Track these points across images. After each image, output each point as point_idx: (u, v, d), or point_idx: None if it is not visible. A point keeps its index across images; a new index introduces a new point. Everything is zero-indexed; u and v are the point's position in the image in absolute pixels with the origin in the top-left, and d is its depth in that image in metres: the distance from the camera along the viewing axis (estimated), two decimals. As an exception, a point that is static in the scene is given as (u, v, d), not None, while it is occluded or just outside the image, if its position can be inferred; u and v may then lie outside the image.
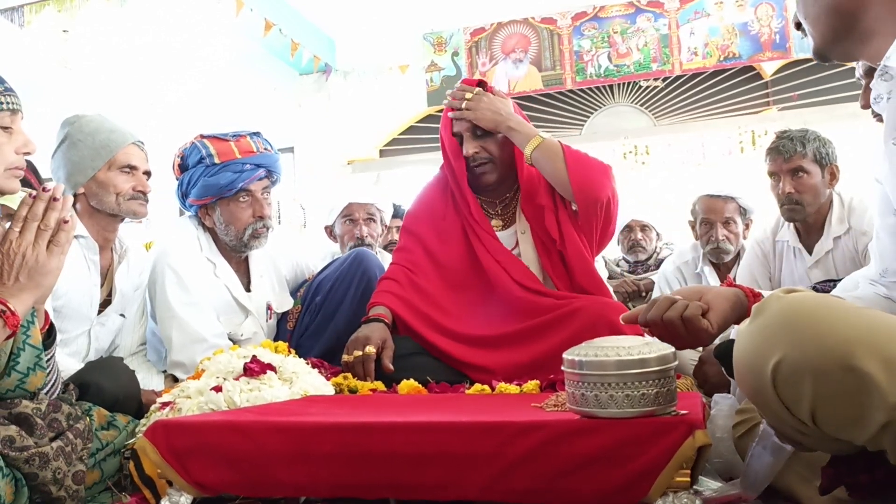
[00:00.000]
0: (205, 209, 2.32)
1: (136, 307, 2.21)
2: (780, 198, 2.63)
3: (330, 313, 2.36)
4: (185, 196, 2.33)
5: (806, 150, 2.55)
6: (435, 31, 5.75)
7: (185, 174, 2.31)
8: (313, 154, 6.08)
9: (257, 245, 2.33)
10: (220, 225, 2.30)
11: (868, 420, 0.85)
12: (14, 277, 1.27)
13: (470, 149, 2.15)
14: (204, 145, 2.28)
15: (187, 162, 2.31)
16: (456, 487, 1.08)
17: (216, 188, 2.25)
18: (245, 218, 2.29)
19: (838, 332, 0.86)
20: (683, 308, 1.20)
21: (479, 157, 2.15)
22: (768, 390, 0.92)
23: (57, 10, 4.61)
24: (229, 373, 1.60)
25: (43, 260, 1.29)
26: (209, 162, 2.26)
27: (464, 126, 2.17)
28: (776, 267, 2.70)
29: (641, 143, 5.31)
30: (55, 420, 1.38)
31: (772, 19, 5.15)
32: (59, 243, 1.31)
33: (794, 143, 2.58)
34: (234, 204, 2.28)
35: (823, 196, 2.59)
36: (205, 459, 1.18)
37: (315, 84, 6.10)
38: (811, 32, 1.18)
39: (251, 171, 2.27)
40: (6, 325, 1.23)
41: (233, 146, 2.28)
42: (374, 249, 3.08)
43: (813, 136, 2.59)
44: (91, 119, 2.08)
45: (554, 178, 2.05)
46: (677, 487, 0.99)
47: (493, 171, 2.17)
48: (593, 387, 1.02)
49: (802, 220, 2.64)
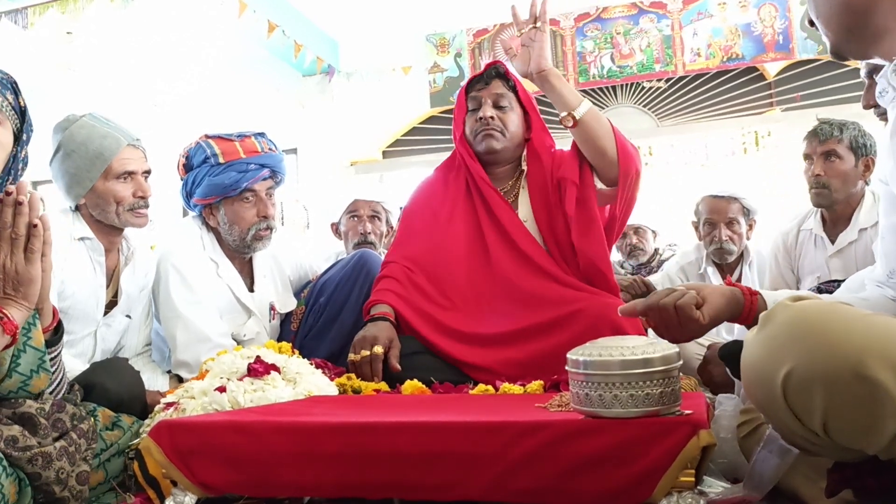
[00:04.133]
0: (209, 209, 2.32)
1: (142, 308, 2.21)
2: (809, 180, 2.63)
3: (334, 314, 2.36)
4: (189, 196, 2.33)
5: (843, 135, 2.56)
6: (438, 33, 5.75)
7: (190, 174, 2.31)
8: (316, 155, 6.08)
9: (260, 247, 2.33)
10: (224, 225, 2.30)
11: (881, 429, 0.84)
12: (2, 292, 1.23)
13: (488, 111, 2.16)
14: (209, 145, 2.28)
15: (192, 162, 2.31)
16: (460, 487, 1.08)
17: (220, 187, 2.26)
18: (249, 217, 2.29)
19: (848, 340, 0.86)
20: (679, 296, 1.22)
21: (494, 123, 2.16)
22: (778, 401, 0.91)
23: (60, 12, 4.62)
24: (233, 373, 1.60)
25: (22, 269, 1.23)
26: (214, 161, 2.26)
27: (490, 95, 2.18)
28: (796, 256, 2.69)
29: (644, 144, 5.29)
30: (59, 420, 1.38)
31: (775, 20, 5.14)
32: (34, 250, 1.24)
33: (833, 128, 2.59)
34: (238, 203, 2.28)
35: (854, 185, 2.58)
36: (209, 459, 1.18)
37: (318, 85, 6.11)
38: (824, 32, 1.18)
39: (255, 171, 2.28)
40: (4, 331, 1.21)
41: (237, 146, 2.28)
42: (378, 248, 3.07)
43: (853, 125, 2.59)
44: (82, 124, 2.03)
45: (598, 143, 2.03)
46: (682, 487, 0.99)
47: (501, 141, 2.17)
48: (597, 387, 1.02)
49: (829, 207, 2.63)
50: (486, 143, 2.17)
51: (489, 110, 2.16)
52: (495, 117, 2.16)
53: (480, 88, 2.21)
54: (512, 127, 2.18)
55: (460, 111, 2.27)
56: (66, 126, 2.04)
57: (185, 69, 5.85)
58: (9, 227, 1.23)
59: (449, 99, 5.60)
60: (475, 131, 2.19)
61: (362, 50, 5.95)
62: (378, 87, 5.97)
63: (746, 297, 1.29)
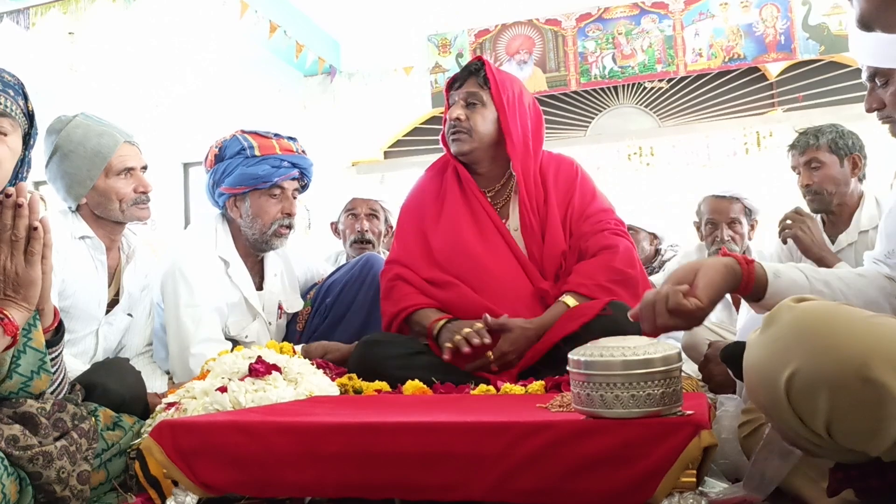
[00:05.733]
0: (234, 199, 2.34)
1: (143, 307, 2.22)
2: (801, 191, 2.68)
3: (339, 316, 2.39)
4: (216, 185, 2.35)
5: (820, 141, 2.60)
6: (439, 33, 5.75)
7: (221, 164, 2.33)
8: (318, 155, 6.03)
9: (278, 245, 2.37)
10: (247, 217, 2.32)
11: (885, 431, 0.84)
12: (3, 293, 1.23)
13: (455, 112, 2.13)
14: (245, 138, 2.33)
15: (225, 153, 2.34)
16: (461, 488, 1.08)
17: (252, 178, 2.29)
18: (273, 213, 2.32)
19: (853, 342, 0.85)
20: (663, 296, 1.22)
21: (461, 125, 2.12)
22: (782, 403, 0.90)
23: (62, 13, 4.63)
24: (234, 373, 1.60)
25: (22, 272, 1.24)
26: (249, 153, 2.30)
27: (461, 94, 2.15)
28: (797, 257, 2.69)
29: (646, 145, 5.29)
30: (60, 420, 1.38)
31: (777, 20, 5.13)
32: (34, 252, 1.24)
33: (808, 137, 2.64)
34: (265, 197, 2.32)
35: (846, 185, 2.60)
36: (210, 459, 1.18)
37: (320, 86, 6.11)
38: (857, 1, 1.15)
39: (288, 169, 2.33)
40: (5, 332, 1.21)
41: (274, 143, 2.35)
42: (377, 248, 3.08)
43: (829, 129, 2.63)
44: (77, 124, 2.02)
45: None
46: (683, 488, 0.99)
47: (468, 142, 2.13)
48: (599, 387, 1.02)
49: (828, 210, 2.65)
50: (455, 146, 2.16)
51: (457, 111, 2.14)
52: (463, 118, 2.12)
53: (456, 88, 2.19)
54: (481, 126, 2.13)
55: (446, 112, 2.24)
56: (61, 127, 2.03)
57: (187, 69, 5.85)
58: (9, 229, 1.23)
59: (450, 99, 5.60)
60: (448, 133, 2.18)
61: (364, 50, 5.95)
62: (379, 87, 5.97)
63: (743, 267, 1.29)
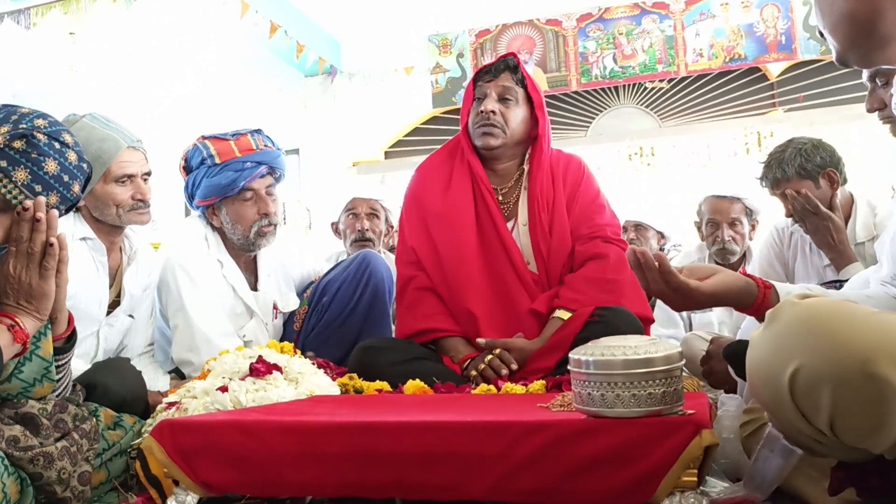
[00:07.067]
0: (211, 209, 2.33)
1: (145, 308, 2.21)
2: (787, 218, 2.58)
3: (336, 315, 2.37)
4: (191, 197, 2.34)
5: (787, 173, 2.47)
6: (440, 33, 5.75)
7: (190, 176, 2.33)
8: (318, 156, 6.09)
9: (264, 244, 2.34)
10: (228, 224, 2.31)
11: (889, 428, 0.83)
12: (16, 301, 1.27)
13: (490, 104, 2.11)
14: (205, 146, 2.30)
15: (191, 164, 2.33)
16: (462, 487, 1.08)
17: (219, 188, 2.27)
18: (251, 216, 2.30)
19: (857, 338, 0.85)
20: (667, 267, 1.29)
21: (495, 118, 2.10)
22: (785, 399, 0.90)
23: (63, 13, 4.63)
24: (235, 373, 1.60)
25: (36, 284, 1.27)
26: (210, 163, 2.28)
27: (495, 87, 2.13)
28: (790, 257, 2.67)
29: (647, 145, 5.29)
30: (61, 420, 1.38)
31: (777, 20, 5.13)
32: (48, 267, 1.28)
33: (773, 171, 2.51)
34: (238, 203, 2.29)
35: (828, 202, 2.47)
36: (211, 459, 1.18)
37: (320, 86, 6.11)
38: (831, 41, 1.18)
39: (252, 169, 2.28)
40: (15, 339, 1.24)
41: (232, 145, 2.29)
42: (377, 247, 3.08)
43: (791, 154, 2.48)
44: (81, 126, 2.00)
45: None
46: (684, 487, 0.99)
47: (500, 138, 2.11)
48: (600, 386, 1.02)
49: None
50: (483, 140, 2.12)
51: (491, 104, 2.11)
52: (497, 112, 2.10)
53: (488, 80, 2.15)
54: (514, 123, 2.12)
55: (467, 101, 2.22)
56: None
57: (187, 69, 5.85)
58: (25, 241, 1.27)
59: (451, 99, 5.60)
60: (475, 124, 2.14)
61: (364, 50, 5.95)
62: (380, 87, 5.96)
63: (760, 289, 1.30)
